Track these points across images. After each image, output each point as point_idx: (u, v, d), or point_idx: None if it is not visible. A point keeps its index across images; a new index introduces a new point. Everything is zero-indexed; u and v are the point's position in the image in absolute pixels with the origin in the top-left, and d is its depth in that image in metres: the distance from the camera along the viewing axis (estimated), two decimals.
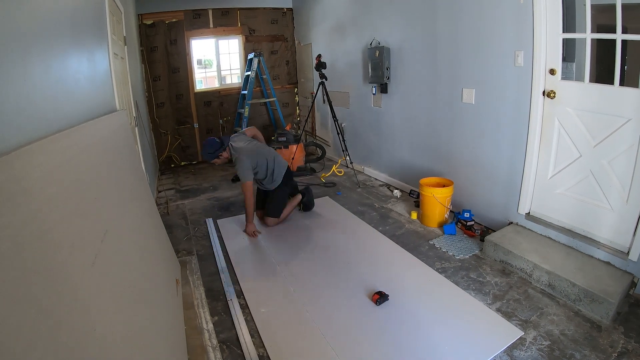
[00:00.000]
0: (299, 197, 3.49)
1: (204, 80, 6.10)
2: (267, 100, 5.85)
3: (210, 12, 5.59)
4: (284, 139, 4.87)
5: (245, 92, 5.33)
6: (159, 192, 4.46)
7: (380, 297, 2.11)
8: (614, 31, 1.97)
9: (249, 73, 5.41)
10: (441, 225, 3.05)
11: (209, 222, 3.44)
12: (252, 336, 1.93)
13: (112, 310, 1.05)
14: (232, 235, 3.13)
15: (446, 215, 3.08)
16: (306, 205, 3.53)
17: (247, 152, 3.06)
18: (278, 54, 6.19)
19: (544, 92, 2.40)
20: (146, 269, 1.60)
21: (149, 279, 1.58)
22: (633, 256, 2.06)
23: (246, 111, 5.25)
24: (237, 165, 3.02)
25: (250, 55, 5.41)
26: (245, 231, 3.15)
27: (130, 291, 1.28)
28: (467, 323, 1.94)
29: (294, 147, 4.84)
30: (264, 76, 5.60)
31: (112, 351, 0.95)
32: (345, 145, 4.50)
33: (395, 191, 3.90)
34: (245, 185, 3.00)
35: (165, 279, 1.90)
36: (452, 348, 1.78)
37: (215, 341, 1.91)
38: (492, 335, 1.84)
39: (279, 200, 3.27)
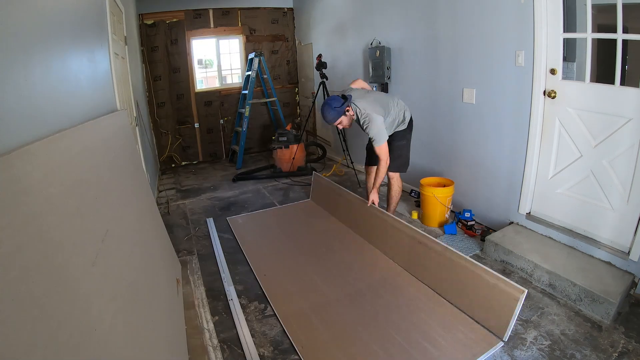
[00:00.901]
0: None
1: (204, 80, 6.10)
2: (268, 100, 5.85)
3: (210, 12, 5.59)
4: (284, 138, 4.87)
5: (246, 91, 5.33)
6: (160, 191, 4.46)
7: None
8: (614, 31, 1.97)
9: (249, 73, 5.41)
10: (442, 225, 3.05)
11: (209, 221, 3.44)
12: (252, 336, 1.93)
13: (112, 310, 1.06)
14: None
15: (447, 215, 3.08)
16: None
17: (373, 108, 2.58)
18: (279, 53, 6.19)
19: (544, 92, 2.40)
20: (147, 269, 1.60)
21: (149, 278, 1.58)
22: (634, 256, 2.06)
23: (247, 111, 5.25)
24: (369, 126, 2.55)
25: (251, 55, 5.40)
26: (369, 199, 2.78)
27: (130, 291, 1.28)
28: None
29: (295, 146, 4.84)
30: (265, 76, 5.60)
31: (112, 351, 0.95)
32: (346, 145, 4.50)
33: None
34: (381, 148, 2.58)
35: (165, 279, 1.90)
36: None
37: (215, 341, 1.91)
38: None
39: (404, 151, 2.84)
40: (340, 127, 2.67)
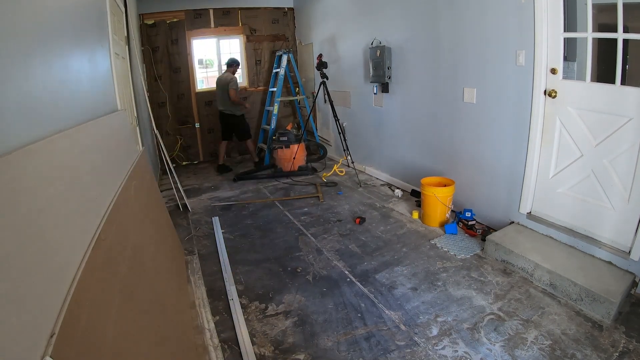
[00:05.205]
0: None
1: (205, 80, 6.11)
2: (295, 98, 5.82)
3: (211, 12, 5.59)
4: (285, 138, 4.87)
5: (274, 89, 5.26)
6: (161, 191, 4.46)
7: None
8: (615, 30, 1.97)
9: (277, 70, 5.35)
10: (442, 224, 3.05)
11: (215, 220, 3.45)
12: (253, 335, 1.93)
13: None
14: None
15: (447, 215, 3.07)
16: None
17: None
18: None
19: (545, 92, 2.39)
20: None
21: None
22: (634, 256, 2.05)
23: (275, 108, 5.19)
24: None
25: (279, 52, 5.37)
26: None
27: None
28: None
29: (295, 146, 4.84)
30: (292, 73, 5.53)
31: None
32: (347, 145, 4.50)
33: (397, 191, 3.90)
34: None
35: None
36: None
37: (216, 340, 1.91)
38: None
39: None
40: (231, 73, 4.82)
